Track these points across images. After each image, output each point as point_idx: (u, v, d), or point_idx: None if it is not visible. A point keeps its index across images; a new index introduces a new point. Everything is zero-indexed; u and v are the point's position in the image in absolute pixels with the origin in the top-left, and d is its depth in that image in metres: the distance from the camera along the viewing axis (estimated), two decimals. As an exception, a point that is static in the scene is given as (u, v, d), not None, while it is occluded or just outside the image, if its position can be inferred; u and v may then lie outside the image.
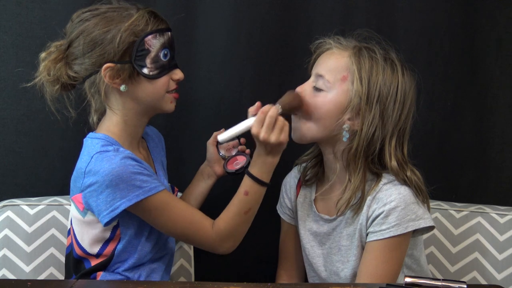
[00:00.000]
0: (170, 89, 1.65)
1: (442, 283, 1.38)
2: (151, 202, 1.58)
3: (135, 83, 1.60)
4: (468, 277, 1.90)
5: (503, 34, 2.06)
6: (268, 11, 2.04)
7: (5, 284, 1.47)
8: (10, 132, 2.01)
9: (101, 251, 1.64)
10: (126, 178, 1.54)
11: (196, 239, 1.65)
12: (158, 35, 1.60)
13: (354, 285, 1.59)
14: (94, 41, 1.57)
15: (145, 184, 1.57)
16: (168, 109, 1.66)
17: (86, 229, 1.64)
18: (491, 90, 2.08)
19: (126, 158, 1.57)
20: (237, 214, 1.64)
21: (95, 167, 1.56)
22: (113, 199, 1.55)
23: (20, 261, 1.85)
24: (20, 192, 1.99)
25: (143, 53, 1.58)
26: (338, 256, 1.69)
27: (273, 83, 2.06)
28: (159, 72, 1.61)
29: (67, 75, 1.62)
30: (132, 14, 1.58)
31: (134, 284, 1.53)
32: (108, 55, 1.57)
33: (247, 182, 1.65)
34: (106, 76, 1.58)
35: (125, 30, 1.56)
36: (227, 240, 1.64)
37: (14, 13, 1.98)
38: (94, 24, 1.58)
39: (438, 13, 2.06)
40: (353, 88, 1.60)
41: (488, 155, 2.10)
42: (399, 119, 1.62)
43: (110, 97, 1.63)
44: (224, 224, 1.64)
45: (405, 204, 1.58)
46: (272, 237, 1.93)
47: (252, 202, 1.65)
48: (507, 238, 1.88)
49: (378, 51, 1.64)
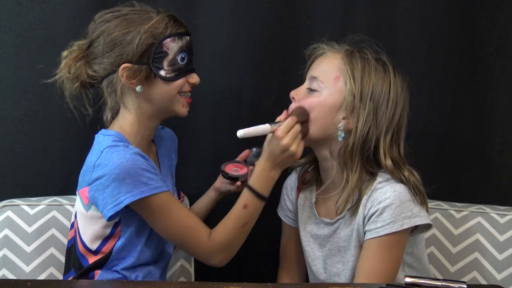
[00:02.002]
0: (184, 91, 1.66)
1: (442, 283, 1.38)
2: (154, 200, 1.58)
3: (151, 85, 1.62)
4: (468, 277, 1.90)
5: (503, 34, 2.07)
6: (268, 11, 2.04)
7: (5, 284, 1.47)
8: (10, 132, 2.01)
9: (100, 247, 1.65)
10: (133, 173, 1.55)
11: (190, 246, 1.65)
12: (176, 38, 1.62)
13: (354, 285, 1.59)
14: (114, 42, 1.60)
15: (151, 182, 1.57)
16: (181, 112, 1.68)
17: (88, 224, 1.65)
18: (491, 90, 2.08)
19: (135, 154, 1.58)
20: (234, 227, 1.64)
21: (104, 160, 1.58)
22: (119, 193, 1.55)
23: (20, 261, 1.85)
24: (20, 192, 1.99)
25: (161, 55, 1.60)
26: (338, 257, 1.70)
27: (273, 83, 2.06)
28: (176, 74, 1.63)
29: (87, 74, 1.65)
30: (152, 17, 1.61)
31: (134, 284, 1.53)
32: (127, 56, 1.59)
33: (247, 195, 1.65)
34: (123, 76, 1.60)
35: (144, 32, 1.58)
36: (221, 252, 1.64)
37: (14, 13, 1.98)
38: (115, 25, 1.60)
39: (438, 13, 2.06)
40: (346, 87, 1.63)
41: (488, 155, 2.10)
42: (393, 117, 1.63)
43: (125, 96, 1.65)
44: (220, 236, 1.63)
45: (400, 202, 1.59)
46: (272, 237, 1.93)
47: (250, 216, 1.65)
48: (507, 238, 1.88)
49: (370, 53, 1.67)
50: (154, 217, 1.61)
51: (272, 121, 1.66)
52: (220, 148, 2.02)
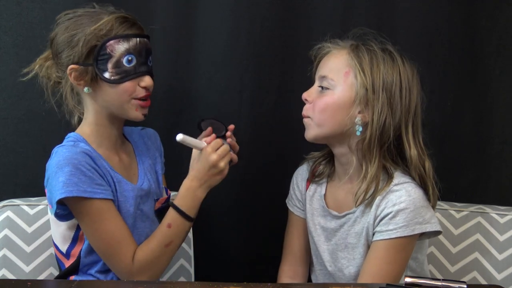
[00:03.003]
0: (138, 96, 1.64)
1: (442, 283, 1.38)
2: (86, 206, 1.57)
3: (98, 86, 1.63)
4: (468, 277, 1.90)
5: (503, 34, 2.07)
6: (268, 11, 2.04)
7: (5, 284, 1.47)
8: (10, 132, 2.01)
9: (69, 250, 1.65)
10: (75, 166, 1.55)
11: (113, 261, 1.61)
12: (121, 40, 1.61)
13: (354, 285, 1.59)
14: (64, 43, 1.63)
15: (88, 184, 1.56)
16: (134, 116, 1.65)
17: (55, 227, 1.67)
18: (491, 90, 2.08)
19: (83, 152, 1.59)
20: (157, 246, 1.62)
21: (51, 160, 1.60)
22: (52, 189, 1.57)
23: (20, 261, 1.85)
24: (20, 192, 1.99)
25: (104, 57, 1.60)
26: (345, 253, 1.70)
27: (273, 83, 2.06)
28: (121, 77, 1.62)
29: (55, 74, 1.68)
30: (101, 18, 1.62)
31: (134, 284, 1.53)
32: (74, 57, 1.61)
33: (171, 214, 1.64)
34: (71, 76, 1.62)
35: (89, 34, 1.60)
36: (143, 272, 1.61)
37: (14, 13, 1.98)
38: (66, 27, 1.63)
39: (438, 13, 2.06)
40: (357, 81, 1.63)
41: (488, 155, 2.10)
42: (409, 105, 1.64)
43: (82, 98, 1.68)
44: (142, 255, 1.61)
45: (415, 207, 1.59)
46: (272, 237, 1.93)
47: (175, 235, 1.63)
48: (507, 238, 1.88)
49: (376, 44, 1.67)
50: (83, 222, 1.60)
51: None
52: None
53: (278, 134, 2.08)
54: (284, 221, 2.05)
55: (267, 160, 2.08)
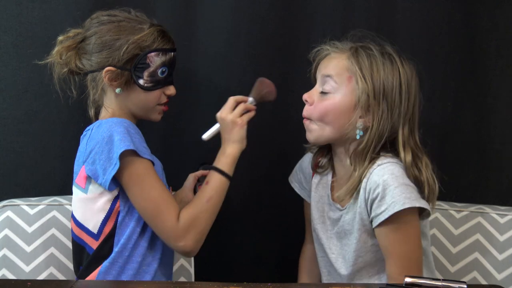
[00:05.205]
0: (161, 102, 1.76)
1: (442, 283, 1.38)
2: (139, 163, 1.63)
3: (130, 89, 1.72)
4: (468, 277, 1.90)
5: (503, 34, 2.07)
6: (268, 11, 2.04)
7: (5, 284, 1.47)
8: (10, 132, 2.01)
9: (102, 226, 1.67)
10: (126, 128, 1.63)
11: (159, 221, 1.64)
12: (161, 53, 1.71)
13: (354, 285, 1.59)
14: (104, 44, 1.70)
15: (139, 144, 1.64)
16: (155, 118, 1.79)
17: (90, 206, 1.67)
18: (491, 90, 2.08)
19: (128, 121, 1.67)
20: (199, 202, 1.68)
21: (95, 133, 1.65)
22: (111, 148, 1.60)
23: (20, 261, 1.85)
24: (20, 192, 1.99)
25: (143, 66, 1.70)
26: (345, 240, 1.71)
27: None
28: (153, 85, 1.72)
29: (75, 64, 1.74)
30: (143, 28, 1.70)
31: (134, 284, 1.53)
32: (113, 60, 1.69)
33: (209, 173, 1.72)
34: (106, 77, 1.70)
35: (132, 42, 1.68)
36: (188, 230, 1.63)
37: (14, 13, 1.98)
38: (108, 29, 1.70)
39: (438, 13, 2.06)
40: (359, 87, 1.63)
41: (488, 155, 2.10)
42: (407, 108, 1.65)
43: (106, 95, 1.74)
44: (186, 213, 1.65)
45: (398, 183, 1.59)
46: (273, 237, 1.93)
47: (213, 191, 1.68)
48: (507, 238, 1.88)
49: (374, 47, 1.68)
50: (132, 182, 1.64)
51: None
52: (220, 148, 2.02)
53: (278, 134, 2.08)
54: (284, 221, 2.05)
55: (267, 160, 2.08)
